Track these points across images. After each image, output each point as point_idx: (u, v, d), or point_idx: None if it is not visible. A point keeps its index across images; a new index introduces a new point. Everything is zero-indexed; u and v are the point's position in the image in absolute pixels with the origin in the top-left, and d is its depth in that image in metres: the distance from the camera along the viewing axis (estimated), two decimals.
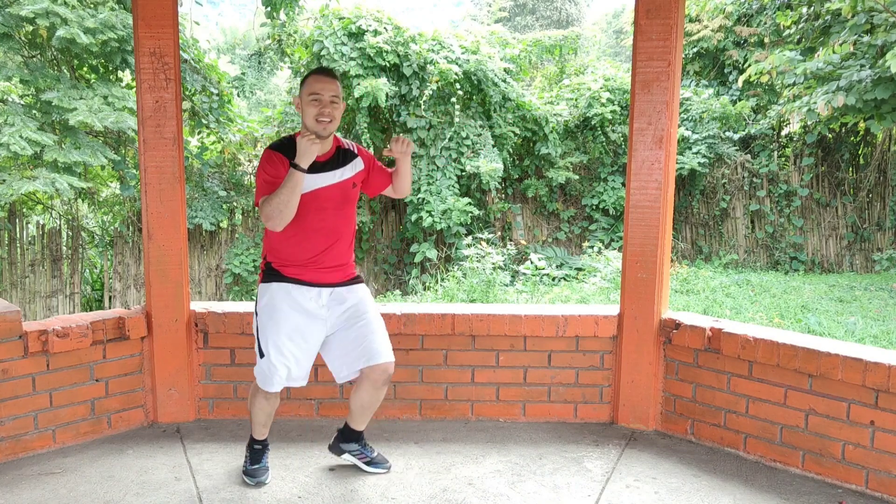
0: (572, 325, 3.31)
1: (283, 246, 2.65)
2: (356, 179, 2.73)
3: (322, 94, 2.58)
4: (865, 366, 2.64)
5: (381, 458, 2.90)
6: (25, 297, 9.23)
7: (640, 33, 3.13)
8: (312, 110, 2.57)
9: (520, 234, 11.52)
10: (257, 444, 2.82)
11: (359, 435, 2.88)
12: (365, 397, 2.72)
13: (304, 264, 2.64)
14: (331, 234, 2.65)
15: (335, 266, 2.68)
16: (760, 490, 2.74)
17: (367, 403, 2.74)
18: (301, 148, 2.50)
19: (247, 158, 10.79)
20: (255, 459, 2.81)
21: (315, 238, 2.63)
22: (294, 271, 2.65)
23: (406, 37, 10.49)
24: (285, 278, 2.64)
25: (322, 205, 2.62)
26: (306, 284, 2.64)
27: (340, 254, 2.69)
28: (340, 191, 2.67)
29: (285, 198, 2.48)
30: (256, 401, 2.74)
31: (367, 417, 2.82)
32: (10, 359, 2.91)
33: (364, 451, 2.88)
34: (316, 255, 2.64)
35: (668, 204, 3.23)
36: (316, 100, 2.57)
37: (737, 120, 12.31)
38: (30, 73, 8.46)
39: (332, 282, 2.68)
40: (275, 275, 2.66)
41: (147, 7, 3.14)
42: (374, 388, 2.69)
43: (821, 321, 6.81)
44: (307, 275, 2.65)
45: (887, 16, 8.70)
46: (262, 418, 2.77)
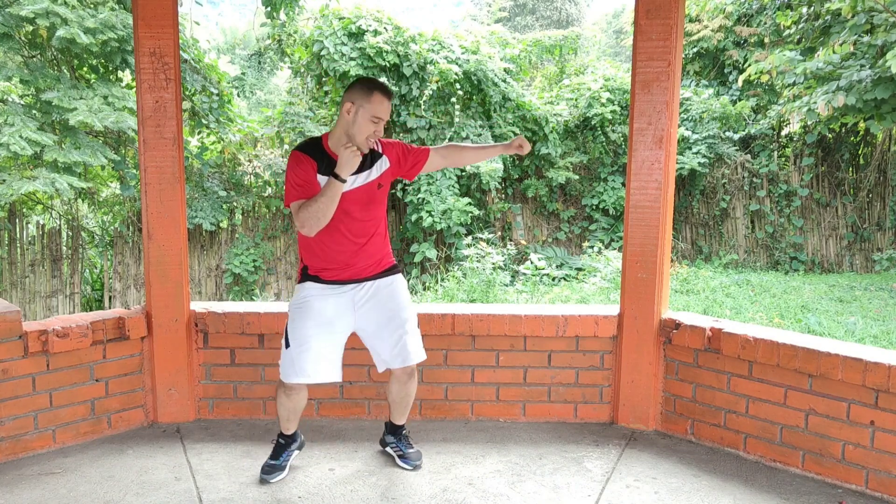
0: (572, 325, 3.31)
1: (316, 251, 2.68)
2: (381, 180, 2.72)
3: (384, 118, 2.59)
4: (865, 366, 2.64)
5: (413, 455, 2.92)
6: (25, 297, 9.23)
7: (640, 33, 3.13)
8: (369, 128, 2.56)
9: (520, 234, 11.52)
10: (281, 438, 2.86)
11: (397, 428, 2.96)
12: (393, 393, 2.85)
13: (337, 267, 2.68)
14: (359, 236, 2.68)
15: (370, 264, 2.73)
16: (760, 490, 2.74)
17: (398, 398, 2.86)
18: (344, 158, 2.49)
19: (247, 158, 10.79)
20: (275, 454, 2.85)
21: (343, 241, 2.65)
22: (330, 275, 2.69)
23: (406, 37, 10.49)
24: (322, 280, 2.70)
25: (347, 207, 2.61)
26: (342, 283, 2.70)
27: (373, 251, 2.73)
28: (366, 193, 2.66)
29: (323, 206, 2.49)
30: (278, 396, 2.77)
31: (402, 411, 2.91)
32: (10, 359, 2.91)
33: (399, 444, 2.95)
34: (348, 257, 2.67)
35: (668, 204, 3.23)
36: (376, 122, 2.57)
37: (737, 120, 12.31)
38: (30, 73, 8.46)
39: (367, 276, 2.73)
40: (311, 278, 2.71)
41: (147, 7, 3.14)
42: (399, 384, 2.81)
43: (821, 321, 6.81)
44: (343, 275, 2.69)
45: (887, 16, 8.70)
46: (284, 413, 2.79)
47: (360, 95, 2.57)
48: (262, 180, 10.47)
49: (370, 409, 3.41)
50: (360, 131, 2.56)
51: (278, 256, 10.41)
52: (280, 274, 10.40)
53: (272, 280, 10.34)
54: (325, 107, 11.02)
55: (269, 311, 3.34)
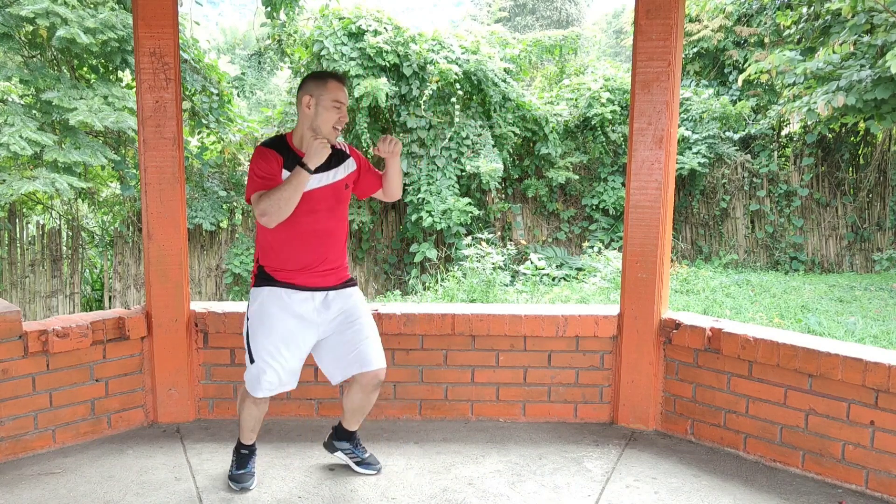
0: (572, 325, 3.31)
1: (277, 249, 2.61)
2: (348, 180, 2.70)
3: (345, 102, 2.58)
4: (865, 366, 2.64)
5: (372, 459, 2.88)
6: (25, 297, 9.23)
7: (640, 33, 3.13)
8: (332, 116, 2.56)
9: (520, 234, 11.52)
10: (244, 449, 2.78)
11: (351, 435, 2.88)
12: (356, 401, 2.74)
13: (298, 268, 2.60)
14: (324, 236, 2.62)
15: (329, 269, 2.65)
16: (760, 490, 2.74)
17: (359, 406, 2.76)
18: (313, 149, 2.47)
19: (247, 158, 10.79)
20: (241, 464, 2.76)
21: (308, 240, 2.59)
22: (287, 276, 2.60)
23: (406, 37, 10.49)
24: (277, 283, 2.60)
25: (314, 206, 2.58)
26: (299, 288, 2.61)
27: (334, 256, 2.66)
28: (333, 192, 2.63)
29: (287, 195, 2.45)
30: (245, 406, 2.70)
31: (359, 419, 2.83)
32: (10, 359, 2.91)
33: (356, 451, 2.88)
34: (310, 258, 2.60)
35: (668, 204, 3.23)
36: (338, 107, 2.56)
37: (737, 120, 12.31)
38: (30, 73, 8.46)
39: (325, 285, 2.64)
40: (267, 279, 2.62)
41: (147, 7, 3.14)
42: (364, 393, 2.70)
43: (821, 321, 6.81)
44: (300, 279, 2.60)
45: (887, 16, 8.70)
46: (251, 423, 2.73)
47: (314, 87, 2.57)
48: None
49: None
50: (324, 121, 2.56)
51: None
52: None
53: None
54: None
55: None
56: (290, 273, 2.60)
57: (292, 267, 2.60)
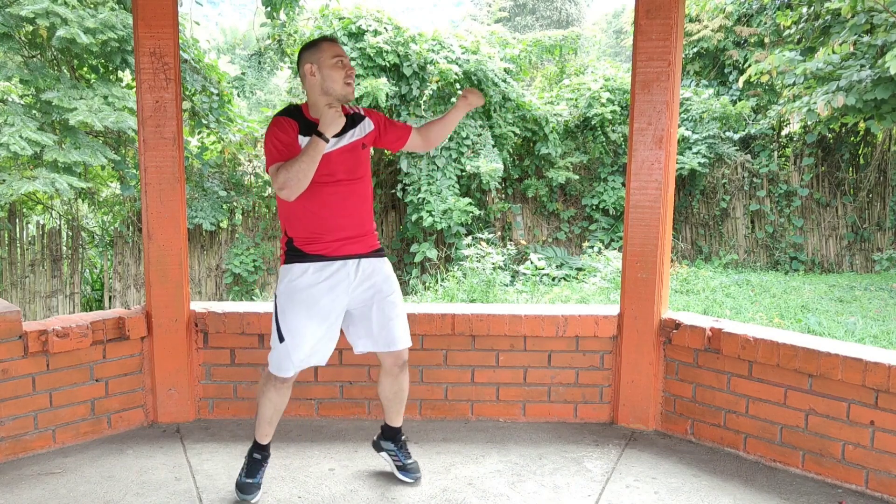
0: (572, 325, 3.31)
1: (302, 218, 2.54)
2: (366, 140, 2.65)
3: (345, 56, 2.53)
4: (865, 366, 2.64)
5: (413, 467, 2.79)
6: (25, 297, 9.23)
7: (640, 33, 3.13)
8: (339, 73, 2.50)
9: (520, 234, 11.52)
10: (257, 453, 2.67)
11: (395, 432, 2.83)
12: (386, 389, 2.73)
13: (325, 234, 2.54)
14: (346, 197, 2.55)
15: (358, 235, 2.59)
16: (760, 490, 2.74)
17: (391, 394, 2.74)
18: (328, 117, 2.41)
19: (247, 158, 10.79)
20: (252, 472, 2.65)
21: (333, 204, 2.53)
22: (317, 248, 2.54)
23: (406, 37, 10.49)
24: (308, 257, 2.54)
25: (332, 170, 2.52)
26: (330, 259, 2.54)
27: (361, 220, 2.60)
28: (350, 153, 2.58)
29: (304, 166, 2.38)
30: (267, 391, 2.60)
31: (397, 409, 2.79)
32: (10, 359, 2.91)
33: (399, 454, 2.81)
34: (336, 223, 2.54)
35: (668, 204, 3.23)
36: (341, 62, 2.51)
37: (737, 120, 12.32)
38: (30, 73, 8.46)
39: (357, 252, 2.59)
40: (297, 254, 2.55)
41: (147, 7, 3.14)
42: (392, 377, 2.70)
43: (821, 321, 6.81)
44: (331, 248, 2.54)
45: (887, 16, 8.70)
46: (270, 414, 2.62)
47: (311, 54, 2.53)
48: (262, 180, 10.47)
49: (370, 409, 3.41)
50: (332, 80, 2.50)
51: (278, 256, 10.41)
52: None
53: (272, 280, 10.34)
54: None
55: (269, 311, 3.34)
56: (320, 244, 2.54)
57: (319, 233, 2.54)
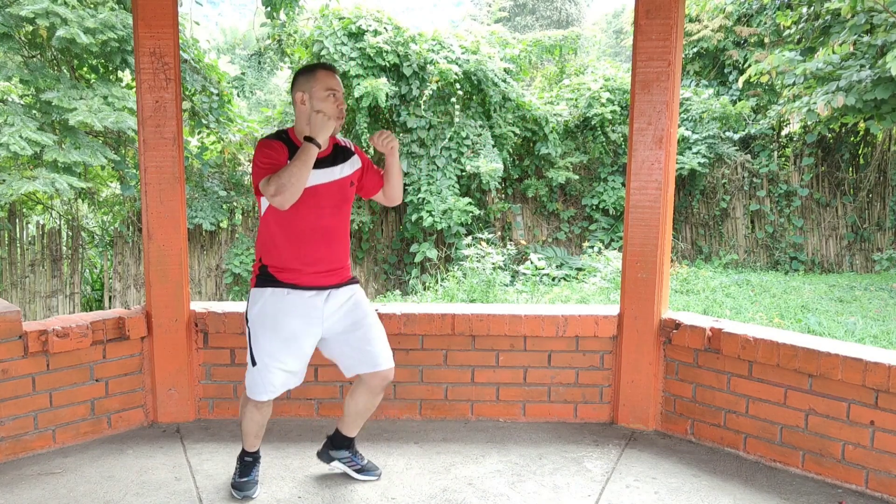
0: (572, 325, 3.31)
1: (280, 247, 2.53)
2: (353, 178, 2.64)
3: (338, 89, 2.53)
4: (865, 366, 2.64)
5: (371, 466, 2.83)
6: (25, 297, 9.23)
7: (640, 33, 3.13)
8: (330, 105, 2.49)
9: (520, 234, 11.51)
10: (248, 457, 2.72)
11: (350, 442, 2.81)
12: (361, 403, 2.68)
13: (302, 267, 2.53)
14: (328, 234, 2.55)
15: (332, 269, 2.58)
16: (760, 490, 2.74)
17: (363, 409, 2.70)
18: (318, 123, 2.41)
19: (247, 158, 10.79)
20: (245, 472, 2.70)
21: (312, 237, 2.52)
22: (290, 276, 2.52)
23: (406, 37, 10.49)
24: (281, 283, 2.52)
25: (320, 202, 2.52)
26: (303, 288, 2.54)
27: (338, 256, 2.60)
28: (338, 189, 2.57)
29: (297, 170, 2.36)
30: (247, 411, 2.63)
31: (360, 423, 2.77)
32: (10, 359, 2.91)
33: (354, 458, 2.82)
34: (313, 256, 2.53)
35: (668, 204, 3.23)
36: (333, 95, 2.51)
37: (737, 120, 12.31)
38: (30, 73, 8.46)
39: (328, 284, 2.58)
40: (269, 279, 2.54)
41: (147, 7, 3.14)
42: (371, 394, 2.66)
43: (821, 321, 6.81)
44: (304, 278, 2.53)
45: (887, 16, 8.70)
46: (254, 429, 2.67)
47: (305, 81, 2.52)
48: None
49: None
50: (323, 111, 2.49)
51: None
52: None
53: None
54: None
55: None
56: (294, 273, 2.53)
57: (296, 265, 2.53)
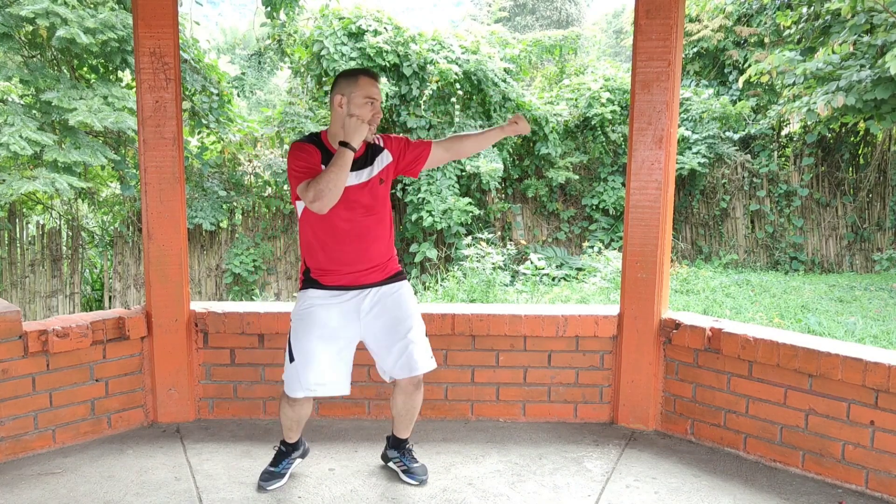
0: (572, 325, 3.31)
1: (319, 249, 2.57)
2: (384, 175, 2.63)
3: (378, 98, 2.54)
4: (865, 366, 2.64)
5: (418, 470, 2.80)
6: (25, 297, 9.23)
7: (640, 33, 3.13)
8: (365, 112, 2.50)
9: (520, 234, 11.52)
10: (283, 446, 2.80)
11: (401, 442, 2.84)
12: (399, 404, 2.72)
13: (340, 268, 2.57)
14: (363, 237, 2.57)
15: (373, 267, 2.61)
16: (760, 490, 2.74)
17: (403, 410, 2.73)
18: (352, 127, 2.43)
19: (247, 158, 10.79)
20: (276, 461, 2.79)
21: (347, 239, 2.55)
22: (332, 279, 2.58)
23: (406, 37, 10.50)
24: (323, 286, 2.59)
25: (351, 204, 2.53)
26: (344, 289, 2.58)
27: (377, 254, 2.61)
28: (369, 189, 2.57)
29: (335, 175, 2.37)
30: (282, 406, 2.70)
31: (406, 424, 2.79)
32: (10, 359, 2.91)
33: (403, 459, 2.83)
34: (351, 257, 2.56)
35: (668, 204, 3.23)
36: (372, 103, 2.52)
37: (737, 120, 12.31)
38: (30, 73, 8.46)
39: (369, 283, 2.61)
40: (313, 282, 2.60)
41: (147, 7, 3.14)
42: (406, 395, 2.69)
43: (821, 321, 6.81)
44: (344, 279, 2.58)
45: (887, 16, 8.70)
46: (288, 423, 2.73)
47: (346, 85, 2.52)
48: (262, 180, 10.47)
49: (370, 409, 3.41)
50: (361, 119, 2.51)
51: (278, 256, 10.41)
52: (280, 274, 10.40)
53: (272, 280, 10.34)
54: (325, 107, 11.02)
55: (269, 311, 3.34)
56: (335, 275, 2.57)
57: (335, 266, 2.57)
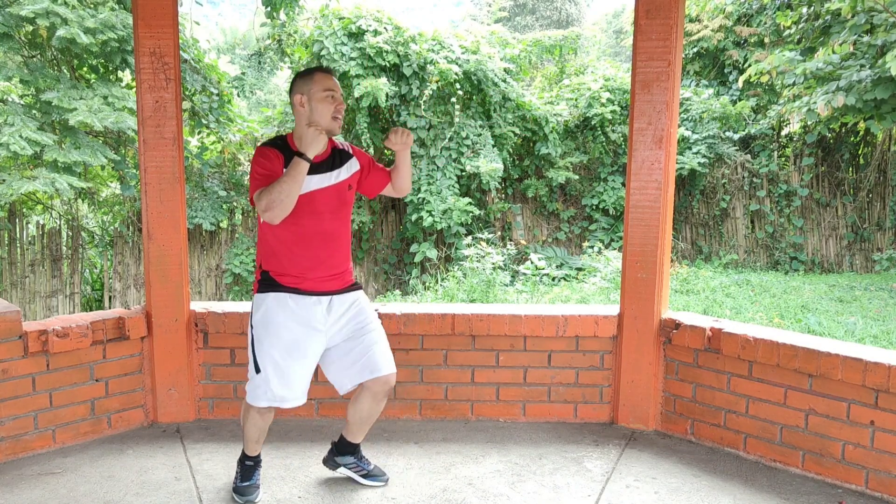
0: (572, 325, 3.31)
1: (280, 253, 2.53)
2: (351, 181, 2.63)
3: (336, 91, 2.54)
4: (865, 366, 2.64)
5: (377, 471, 2.80)
6: (25, 297, 9.23)
7: (640, 33, 3.13)
8: (328, 107, 2.50)
9: (520, 234, 11.51)
10: (248, 461, 2.69)
11: (355, 448, 2.78)
12: (364, 409, 2.65)
13: (303, 272, 2.52)
14: (328, 239, 2.55)
15: (334, 274, 2.58)
16: (760, 490, 2.74)
17: (367, 416, 2.67)
18: (309, 137, 2.41)
19: (247, 158, 10.79)
20: (246, 476, 2.68)
21: (312, 243, 2.52)
22: (292, 280, 2.52)
23: (406, 37, 10.49)
24: (283, 288, 2.52)
25: (317, 208, 2.52)
26: (305, 293, 2.53)
27: (339, 261, 2.59)
28: (336, 193, 2.57)
29: (287, 186, 2.36)
30: (249, 417, 2.60)
31: (365, 430, 2.74)
32: (10, 359, 2.91)
33: (360, 464, 2.79)
34: (314, 261, 2.53)
35: (668, 204, 3.23)
36: (332, 97, 2.51)
37: (737, 120, 12.31)
38: (30, 73, 8.46)
39: (330, 290, 2.57)
40: (272, 284, 2.54)
41: (147, 7, 3.14)
42: (374, 401, 2.63)
43: (821, 321, 6.81)
44: (306, 283, 2.53)
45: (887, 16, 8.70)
46: (255, 434, 2.64)
47: (303, 83, 2.53)
48: None
49: None
50: (321, 114, 2.50)
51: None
52: None
53: None
54: None
55: None
56: (295, 278, 2.53)
57: (296, 271, 2.52)
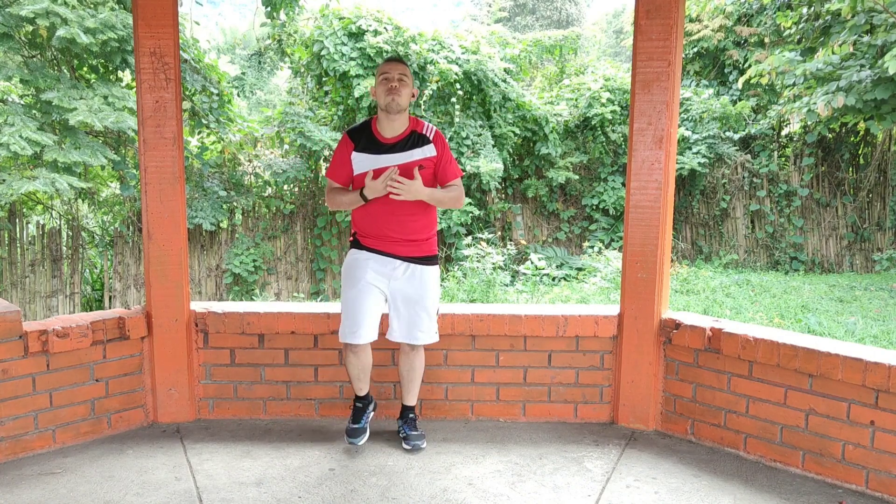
0: (572, 325, 3.31)
1: (360, 220, 3.01)
2: (424, 162, 2.94)
3: (390, 72, 2.92)
4: (865, 366, 2.64)
5: (414, 437, 3.07)
6: (25, 297, 9.23)
7: (640, 33, 3.13)
8: (382, 89, 2.91)
9: (520, 234, 11.51)
10: (357, 402, 3.08)
11: (406, 410, 3.14)
12: (401, 366, 3.09)
13: (378, 236, 2.97)
14: (396, 211, 2.91)
15: (406, 240, 2.96)
16: (760, 490, 2.74)
17: (404, 372, 3.08)
18: (372, 186, 2.86)
19: (247, 158, 10.78)
20: (355, 418, 3.06)
21: (381, 214, 2.93)
22: (371, 242, 2.99)
23: (406, 37, 10.49)
24: (363, 247, 3.01)
25: None
26: (382, 254, 2.97)
27: (410, 230, 2.96)
28: (404, 171, 2.89)
29: (341, 204, 2.99)
30: (346, 356, 3.00)
31: (409, 388, 3.11)
32: (10, 359, 2.91)
33: (404, 427, 3.12)
34: (386, 230, 2.94)
35: (668, 204, 3.23)
36: (386, 78, 2.90)
37: (737, 120, 12.31)
38: (30, 73, 8.45)
39: (404, 255, 2.97)
40: (356, 244, 3.04)
41: (147, 7, 3.14)
42: (405, 357, 3.07)
43: (821, 321, 6.81)
44: (379, 244, 2.98)
45: (887, 16, 8.71)
46: (354, 372, 3.01)
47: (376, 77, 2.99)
48: (262, 180, 10.47)
49: None
50: (379, 95, 2.91)
51: (278, 256, 10.41)
52: (280, 274, 10.40)
53: (272, 280, 10.34)
54: (325, 107, 11.02)
55: (269, 311, 3.34)
56: (374, 240, 2.98)
57: (372, 233, 2.98)
